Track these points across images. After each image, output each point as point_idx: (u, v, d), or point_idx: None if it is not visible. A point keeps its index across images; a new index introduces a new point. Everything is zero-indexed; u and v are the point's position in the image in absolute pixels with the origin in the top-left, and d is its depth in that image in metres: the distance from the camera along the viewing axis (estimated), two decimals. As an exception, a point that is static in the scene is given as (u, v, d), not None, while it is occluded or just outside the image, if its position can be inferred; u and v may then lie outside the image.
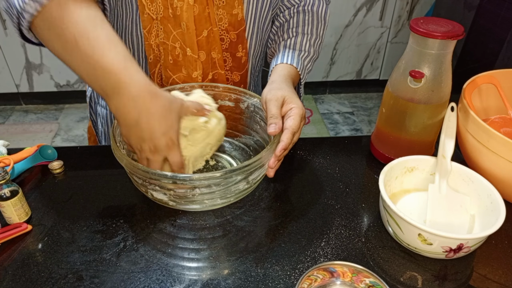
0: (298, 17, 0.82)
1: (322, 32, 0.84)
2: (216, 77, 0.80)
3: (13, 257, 0.57)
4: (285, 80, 0.71)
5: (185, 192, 0.59)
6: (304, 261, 0.57)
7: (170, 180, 0.56)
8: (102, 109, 0.89)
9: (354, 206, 0.66)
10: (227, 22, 0.75)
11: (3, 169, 0.58)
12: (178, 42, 0.73)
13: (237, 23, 0.75)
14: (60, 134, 2.33)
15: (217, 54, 0.77)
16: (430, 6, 2.37)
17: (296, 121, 0.63)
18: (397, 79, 0.68)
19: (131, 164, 0.57)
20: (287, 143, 0.61)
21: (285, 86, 0.68)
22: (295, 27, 0.81)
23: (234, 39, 0.77)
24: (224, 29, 0.75)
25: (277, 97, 0.65)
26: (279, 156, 0.61)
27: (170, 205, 0.63)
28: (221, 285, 0.54)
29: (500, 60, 1.67)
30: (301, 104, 0.66)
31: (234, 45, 0.78)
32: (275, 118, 0.63)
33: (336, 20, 2.37)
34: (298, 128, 0.64)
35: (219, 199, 0.62)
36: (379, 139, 0.75)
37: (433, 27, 0.62)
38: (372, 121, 2.49)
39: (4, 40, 2.22)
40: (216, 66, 0.78)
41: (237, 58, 0.80)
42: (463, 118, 0.68)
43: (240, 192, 0.63)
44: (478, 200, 0.62)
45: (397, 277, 0.55)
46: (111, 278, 0.54)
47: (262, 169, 0.63)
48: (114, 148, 0.61)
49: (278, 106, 0.64)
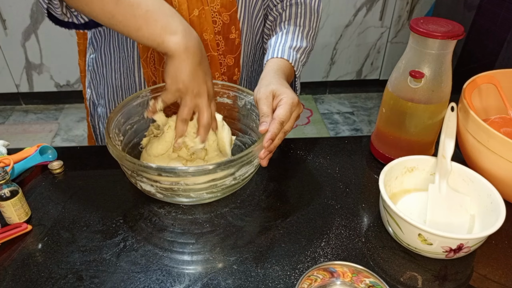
0: (290, 10, 0.81)
1: (315, 24, 0.83)
2: (209, 60, 0.78)
3: (13, 257, 0.57)
4: (274, 74, 0.70)
5: (171, 184, 0.60)
6: (304, 261, 0.57)
7: (155, 171, 0.57)
8: (103, 109, 0.89)
9: (354, 206, 0.66)
10: (219, 4, 0.74)
11: (3, 169, 0.58)
12: None
13: (229, 3, 0.74)
14: (60, 134, 2.33)
15: (209, 35, 0.75)
16: (430, 6, 2.37)
17: (284, 110, 0.62)
18: (397, 79, 0.68)
19: (121, 155, 0.58)
20: (274, 133, 0.60)
21: (274, 80, 0.67)
22: (287, 20, 0.80)
23: (227, 20, 0.76)
24: (216, 10, 0.74)
25: (266, 94, 0.64)
26: (268, 147, 0.60)
27: (157, 197, 0.64)
28: (221, 285, 0.54)
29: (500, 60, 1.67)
30: (292, 93, 0.64)
31: (226, 27, 0.77)
32: (266, 116, 0.62)
33: (336, 20, 2.37)
34: (288, 117, 0.62)
35: (206, 193, 0.62)
36: (379, 139, 0.75)
37: (433, 27, 0.62)
38: (372, 121, 2.49)
39: (4, 40, 2.22)
40: (208, 48, 0.77)
41: (230, 40, 0.79)
42: (463, 118, 0.68)
43: (227, 188, 0.63)
44: (478, 200, 0.62)
45: (397, 277, 0.55)
46: (111, 278, 0.54)
47: (250, 166, 0.62)
48: (107, 141, 0.61)
49: (268, 103, 0.64)
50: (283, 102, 0.63)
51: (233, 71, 0.82)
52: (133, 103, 0.71)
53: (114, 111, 0.67)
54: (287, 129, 0.64)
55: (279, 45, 0.77)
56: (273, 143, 0.61)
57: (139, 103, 0.72)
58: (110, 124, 0.65)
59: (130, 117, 0.71)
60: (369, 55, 2.54)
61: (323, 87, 2.72)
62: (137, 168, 0.58)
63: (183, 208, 0.65)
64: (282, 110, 0.62)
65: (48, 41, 2.25)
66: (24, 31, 2.20)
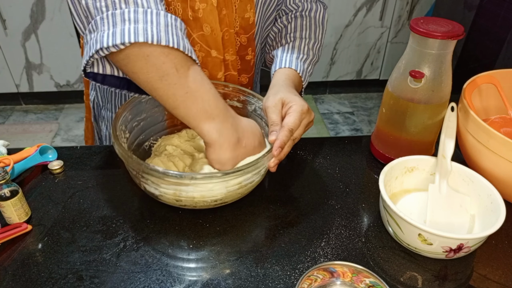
0: (295, 22, 0.82)
1: (320, 36, 0.84)
2: (229, 78, 0.80)
3: (13, 257, 0.57)
4: (283, 83, 0.70)
5: (175, 189, 0.59)
6: (304, 261, 0.57)
7: (161, 175, 0.56)
8: (108, 112, 0.89)
9: (354, 206, 0.66)
10: (239, 26, 0.75)
11: (3, 169, 0.58)
12: (198, 45, 0.73)
13: (248, 26, 0.76)
14: (60, 134, 2.33)
15: (231, 55, 0.77)
16: (430, 6, 2.37)
17: (293, 118, 0.62)
18: (397, 79, 0.68)
19: (127, 155, 0.58)
20: (283, 141, 0.60)
21: (283, 89, 0.68)
22: (292, 32, 0.81)
23: (245, 42, 0.78)
24: (235, 32, 0.75)
25: (275, 103, 0.64)
26: (278, 155, 0.60)
27: (161, 199, 0.63)
28: (221, 285, 0.54)
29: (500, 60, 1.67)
30: (301, 101, 0.64)
31: (244, 48, 0.78)
32: (275, 125, 0.62)
33: (336, 20, 2.37)
34: (297, 124, 0.62)
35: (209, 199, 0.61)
36: (379, 139, 0.75)
37: (433, 27, 0.62)
38: (372, 121, 2.49)
39: (4, 40, 2.22)
40: (229, 67, 0.78)
41: (246, 61, 0.80)
42: (463, 118, 0.68)
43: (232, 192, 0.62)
44: (478, 200, 0.62)
45: (397, 277, 0.55)
46: (111, 278, 0.54)
47: (256, 175, 0.62)
48: (114, 139, 0.61)
49: (277, 112, 0.63)
50: (292, 109, 0.63)
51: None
52: (142, 99, 0.71)
53: (122, 106, 0.67)
54: (297, 136, 0.63)
55: (287, 55, 0.77)
56: (283, 151, 0.60)
57: (147, 100, 0.72)
58: (118, 120, 0.65)
59: (138, 114, 0.71)
60: (369, 55, 2.54)
61: (323, 87, 2.72)
62: (142, 169, 0.57)
63: (183, 208, 0.65)
64: (292, 118, 0.62)
65: (48, 41, 2.25)
66: (24, 31, 2.20)
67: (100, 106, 0.91)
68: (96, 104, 0.91)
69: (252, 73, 0.83)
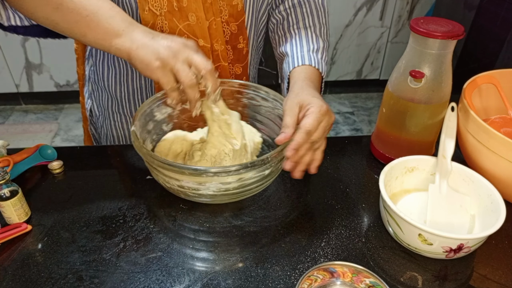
0: (295, 11, 0.79)
1: (324, 20, 0.81)
2: (220, 70, 0.78)
3: (13, 257, 0.57)
4: (302, 84, 0.68)
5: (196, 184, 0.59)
6: (304, 261, 0.57)
7: (183, 170, 0.55)
8: (107, 121, 0.88)
9: (354, 206, 0.66)
10: (228, 14, 0.74)
11: (3, 169, 0.58)
12: (185, 35, 0.72)
13: (237, 13, 0.74)
14: (60, 134, 2.33)
15: (220, 45, 0.76)
16: (430, 6, 2.37)
17: (310, 119, 0.59)
18: (397, 79, 0.68)
19: (148, 154, 0.58)
20: (299, 143, 0.58)
21: (301, 91, 0.66)
22: (295, 24, 0.79)
23: (235, 30, 0.76)
24: (225, 21, 0.74)
25: (292, 106, 0.62)
26: (292, 157, 0.59)
27: (182, 195, 0.63)
28: (221, 285, 0.54)
29: (500, 60, 1.67)
30: (320, 102, 0.62)
31: (234, 37, 0.77)
32: (286, 127, 0.60)
33: (336, 20, 2.37)
34: (315, 126, 0.60)
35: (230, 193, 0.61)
36: (379, 139, 0.75)
37: (433, 27, 0.62)
38: (372, 121, 2.49)
39: (4, 40, 2.22)
40: (219, 58, 0.77)
41: (238, 49, 0.79)
42: (463, 118, 0.68)
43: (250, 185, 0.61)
44: (478, 200, 0.62)
45: (397, 277, 0.55)
46: (111, 278, 0.54)
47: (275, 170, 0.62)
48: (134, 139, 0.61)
49: (293, 115, 0.61)
50: (310, 111, 0.61)
51: (241, 80, 0.82)
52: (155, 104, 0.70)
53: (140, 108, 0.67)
54: (315, 139, 0.61)
55: (297, 51, 0.75)
56: (298, 153, 0.59)
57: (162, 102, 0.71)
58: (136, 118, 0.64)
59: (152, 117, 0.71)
60: (369, 55, 2.54)
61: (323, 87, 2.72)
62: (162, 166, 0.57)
63: (183, 208, 0.65)
64: (309, 119, 0.60)
65: (48, 41, 2.24)
66: (24, 31, 2.20)
67: (97, 115, 0.90)
68: (93, 113, 0.91)
69: (245, 63, 0.81)
